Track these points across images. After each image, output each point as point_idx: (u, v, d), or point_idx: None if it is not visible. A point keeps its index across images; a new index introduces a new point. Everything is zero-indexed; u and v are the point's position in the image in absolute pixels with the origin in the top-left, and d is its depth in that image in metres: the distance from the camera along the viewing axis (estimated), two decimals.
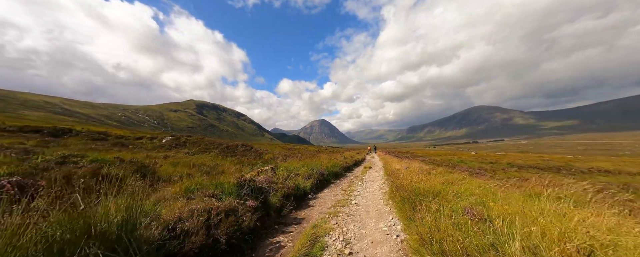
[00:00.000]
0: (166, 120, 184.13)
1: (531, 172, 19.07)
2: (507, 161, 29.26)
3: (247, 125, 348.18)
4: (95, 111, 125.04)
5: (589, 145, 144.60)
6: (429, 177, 6.08)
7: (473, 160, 29.77)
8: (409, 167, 9.46)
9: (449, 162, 22.13)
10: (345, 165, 12.38)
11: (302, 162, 9.03)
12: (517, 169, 20.57)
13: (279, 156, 12.20)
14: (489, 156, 41.83)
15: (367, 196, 6.25)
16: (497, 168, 20.50)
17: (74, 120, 75.64)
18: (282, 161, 9.99)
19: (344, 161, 14.05)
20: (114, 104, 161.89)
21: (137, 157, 6.56)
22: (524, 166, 23.10)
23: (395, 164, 12.21)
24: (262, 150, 15.01)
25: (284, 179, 5.84)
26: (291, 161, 9.49)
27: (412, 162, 13.37)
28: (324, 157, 12.51)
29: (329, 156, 15.45)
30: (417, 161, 17.33)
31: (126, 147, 10.43)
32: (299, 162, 9.24)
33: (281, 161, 9.66)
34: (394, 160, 17.23)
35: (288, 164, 8.01)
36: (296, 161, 9.30)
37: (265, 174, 5.84)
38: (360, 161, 19.44)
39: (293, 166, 7.95)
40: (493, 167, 21.39)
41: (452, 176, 6.81)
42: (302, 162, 9.32)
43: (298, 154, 13.78)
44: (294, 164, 8.36)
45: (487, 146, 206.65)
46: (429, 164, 14.94)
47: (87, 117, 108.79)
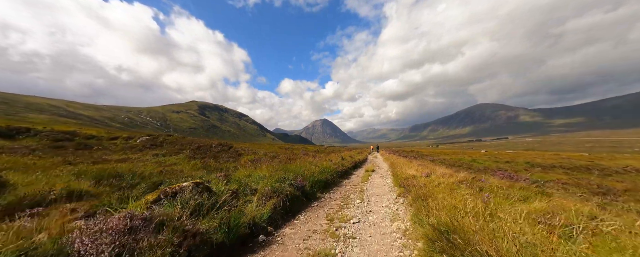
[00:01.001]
0: (169, 122, 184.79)
1: (558, 172, 17.67)
2: (524, 159, 27.44)
3: (249, 126, 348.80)
4: (99, 113, 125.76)
5: (596, 142, 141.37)
6: (499, 205, 3.17)
7: (486, 159, 27.98)
8: (430, 174, 6.97)
9: (463, 163, 20.76)
10: (342, 168, 10.36)
11: (280, 167, 6.78)
12: (541, 169, 19.20)
13: (263, 157, 10.61)
14: (500, 154, 39.91)
15: (373, 235, 3.46)
16: (517, 168, 19.18)
17: (77, 122, 75.78)
18: (267, 162, 8.25)
19: (340, 163, 11.94)
20: (117, 106, 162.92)
21: None
22: (545, 165, 21.53)
23: (407, 168, 9.65)
24: (243, 150, 13.65)
25: (210, 208, 3.17)
26: (268, 165, 6.98)
27: (426, 165, 11.02)
28: (312, 160, 10.40)
29: (325, 157, 13.67)
30: (430, 162, 15.83)
31: (90, 149, 9.54)
32: (275, 167, 6.82)
33: (265, 162, 7.93)
34: (401, 161, 14.72)
35: (250, 172, 5.82)
36: (271, 166, 6.89)
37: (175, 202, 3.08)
38: (361, 162, 17.25)
39: (258, 174, 5.62)
40: (512, 167, 19.95)
41: (524, 192, 4.15)
42: (281, 166, 7.00)
43: (291, 155, 12.56)
44: (263, 171, 5.98)
45: (492, 144, 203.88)
46: (447, 167, 13.22)
47: (90, 119, 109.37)
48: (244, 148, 15.24)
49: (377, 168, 13.27)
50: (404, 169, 9.20)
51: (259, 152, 14.60)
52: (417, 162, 12.53)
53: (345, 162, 12.88)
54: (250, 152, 13.54)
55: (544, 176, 12.88)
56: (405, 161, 14.77)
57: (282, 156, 11.44)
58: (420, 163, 11.97)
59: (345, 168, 10.96)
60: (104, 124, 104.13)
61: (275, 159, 10.06)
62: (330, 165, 9.54)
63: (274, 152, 15.26)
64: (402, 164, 11.90)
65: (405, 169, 9.38)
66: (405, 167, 9.96)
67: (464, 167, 16.85)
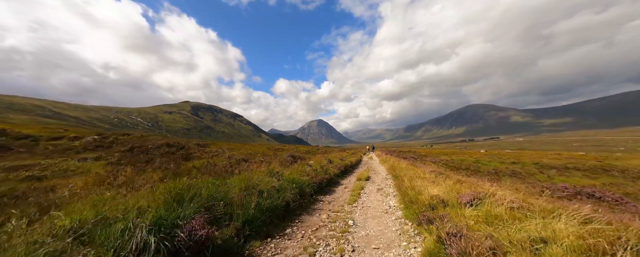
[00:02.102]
0: (160, 122, 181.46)
1: (577, 175, 16.64)
2: (530, 160, 25.89)
3: (244, 127, 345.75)
4: (87, 114, 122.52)
5: (583, 141, 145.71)
6: None
7: (489, 160, 26.18)
8: (479, 198, 3.86)
9: (469, 165, 19.55)
10: (323, 177, 7.64)
11: (199, 185, 3.88)
12: (555, 171, 18.26)
13: (231, 163, 8.61)
14: (503, 154, 38.59)
15: None
16: (530, 171, 18.19)
17: (62, 123, 73.48)
18: (208, 172, 6.22)
19: (324, 168, 9.19)
20: (107, 106, 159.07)
21: None
22: (557, 167, 20.25)
23: (416, 177, 7.12)
24: (206, 151, 12.38)
25: None
26: (167, 184, 3.71)
27: (441, 171, 8.85)
28: (275, 166, 7.30)
29: (312, 158, 12.05)
30: (433, 164, 14.16)
31: (9, 150, 8.80)
32: (183, 185, 3.68)
33: (229, 174, 6.03)
34: (402, 164, 11.94)
35: (109, 203, 2.95)
36: (173, 186, 3.60)
37: None
38: (353, 165, 14.65)
39: (119, 208, 2.78)
40: (523, 169, 19.02)
41: None
42: (205, 182, 4.16)
43: (272, 157, 11.79)
44: (141, 199, 3.11)
45: (484, 144, 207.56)
46: (454, 170, 11.31)
47: (77, 120, 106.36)
48: (214, 150, 13.94)
49: (373, 174, 10.86)
50: (414, 182, 6.08)
51: (225, 153, 13.28)
52: (428, 168, 9.77)
53: (331, 166, 10.34)
54: (212, 154, 12.00)
55: (568, 180, 12.18)
56: (407, 164, 12.21)
57: (258, 159, 10.69)
58: (432, 170, 9.09)
59: (329, 176, 8.38)
60: (91, 125, 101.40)
61: (249, 164, 8.65)
62: (303, 177, 6.48)
63: (246, 156, 14.52)
64: (405, 169, 9.60)
65: (416, 180, 6.47)
66: (413, 175, 7.52)
67: (472, 170, 15.93)
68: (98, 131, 29.36)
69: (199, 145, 13.08)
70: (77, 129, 40.06)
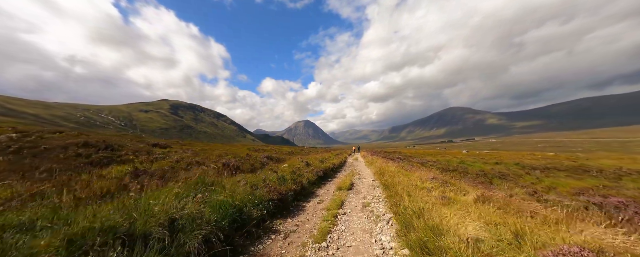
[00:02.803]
0: (135, 122, 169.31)
1: (558, 175, 16.79)
2: (512, 160, 26.59)
3: (227, 126, 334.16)
4: (48, 111, 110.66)
5: (546, 142, 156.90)
6: None
7: (473, 160, 26.58)
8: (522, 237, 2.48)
9: (457, 167, 19.27)
10: (291, 188, 5.83)
11: None
12: (539, 172, 18.32)
13: (173, 169, 6.38)
14: (484, 155, 39.33)
15: None
16: (515, 172, 17.98)
17: (18, 121, 64.87)
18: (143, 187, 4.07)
19: (295, 174, 7.50)
20: (73, 104, 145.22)
21: None
22: (538, 167, 20.64)
23: (413, 186, 5.85)
24: (126, 155, 7.61)
25: None
26: None
27: (436, 176, 7.48)
28: (209, 176, 4.75)
29: (275, 165, 10.35)
30: (421, 166, 13.57)
31: None
32: None
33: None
34: (391, 167, 10.76)
35: None
36: None
37: None
38: (336, 169, 12.89)
39: None
40: (508, 170, 18.94)
41: None
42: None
43: (243, 160, 9.34)
44: None
45: (461, 144, 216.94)
46: (442, 172, 10.48)
47: (36, 118, 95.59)
48: (168, 151, 10.56)
49: (358, 179, 9.38)
50: (416, 198, 4.52)
51: (183, 154, 10.17)
52: (425, 174, 8.15)
53: (307, 170, 8.47)
54: (156, 157, 8.37)
55: (556, 182, 11.68)
56: (396, 166, 11.10)
57: (225, 160, 8.11)
58: (432, 176, 7.34)
59: (300, 186, 6.41)
60: (54, 124, 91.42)
61: (189, 168, 6.39)
62: (256, 191, 4.58)
63: (221, 155, 11.99)
64: (395, 174, 8.23)
65: (416, 193, 4.95)
66: (409, 184, 6.01)
67: (460, 172, 15.44)
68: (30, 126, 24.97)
69: (152, 145, 10.38)
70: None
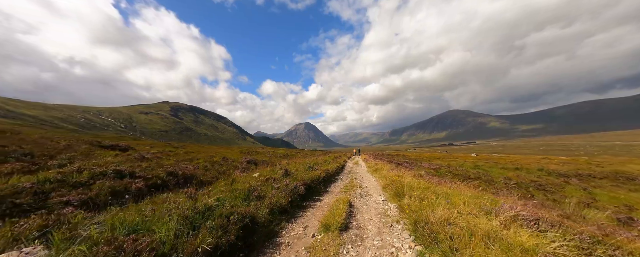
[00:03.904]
0: (135, 124, 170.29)
1: (603, 185, 14.93)
2: (533, 165, 23.87)
3: (228, 129, 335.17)
4: (47, 113, 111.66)
5: (548, 146, 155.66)
6: None
7: (490, 165, 23.58)
8: None
9: (480, 174, 17.00)
10: (254, 213, 3.78)
11: None
12: (578, 180, 16.37)
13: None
14: (494, 158, 36.44)
15: None
16: (554, 181, 15.80)
17: (17, 123, 65.50)
18: None
19: (243, 204, 3.90)
20: (72, 106, 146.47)
21: None
22: (568, 174, 18.14)
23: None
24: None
25: None
26: None
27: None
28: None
29: (270, 165, 9.77)
30: (434, 171, 11.54)
31: None
32: None
33: None
34: (406, 177, 7.72)
35: None
36: None
37: None
38: (329, 178, 9.82)
39: None
40: (544, 179, 16.86)
41: None
42: None
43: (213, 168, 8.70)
44: None
45: (463, 147, 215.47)
46: (465, 182, 7.60)
47: (35, 119, 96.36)
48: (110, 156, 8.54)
49: (359, 199, 6.30)
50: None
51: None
52: (468, 191, 5.69)
53: (279, 187, 5.77)
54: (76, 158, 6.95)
55: (616, 195, 10.10)
56: (412, 175, 8.22)
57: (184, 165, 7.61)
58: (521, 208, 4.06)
59: (266, 212, 4.20)
60: (52, 125, 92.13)
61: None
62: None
63: (196, 159, 11.38)
64: (424, 193, 5.13)
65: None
66: (467, 222, 3.16)
67: (484, 180, 13.58)
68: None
69: (104, 146, 9.20)
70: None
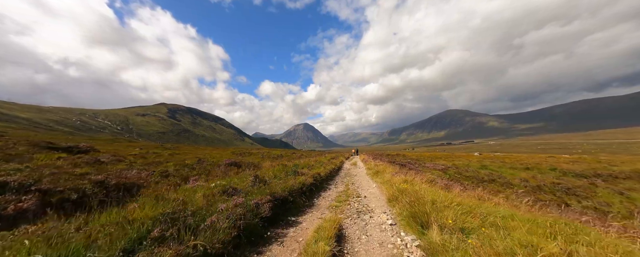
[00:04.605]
0: (132, 126, 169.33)
1: (635, 187, 13.99)
2: (545, 165, 22.64)
3: (226, 130, 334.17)
4: (42, 116, 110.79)
5: (546, 144, 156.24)
6: None
7: (498, 165, 22.42)
8: None
9: (493, 175, 16.15)
10: None
11: None
12: (602, 182, 15.44)
13: None
14: (499, 157, 34.88)
15: None
16: (577, 183, 14.72)
17: (10, 126, 64.75)
18: None
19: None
20: (68, 108, 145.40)
21: None
22: (589, 174, 16.86)
23: None
24: None
25: None
26: None
27: None
28: None
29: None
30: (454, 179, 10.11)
31: None
32: None
33: None
34: (416, 183, 6.67)
35: None
36: None
37: None
38: (319, 185, 8.00)
39: None
40: (560, 179, 15.98)
41: None
42: None
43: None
44: None
45: (460, 147, 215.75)
46: (484, 186, 7.79)
47: (29, 122, 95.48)
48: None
49: (356, 217, 4.81)
50: None
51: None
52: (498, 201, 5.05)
53: (239, 201, 3.77)
54: None
55: None
56: (422, 180, 7.21)
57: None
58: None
59: None
60: (47, 128, 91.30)
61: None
62: None
63: (176, 162, 10.82)
64: (455, 208, 3.83)
65: None
66: None
67: (500, 183, 12.94)
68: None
69: (58, 149, 8.04)
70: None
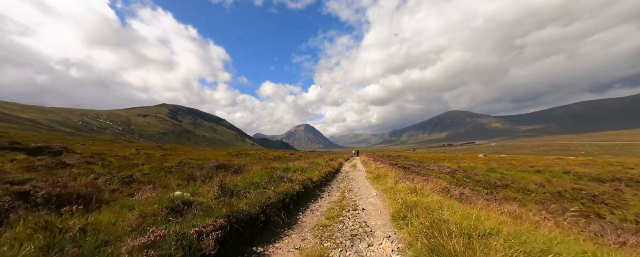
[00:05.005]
0: (133, 126, 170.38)
1: None
2: (557, 167, 21.77)
3: (227, 131, 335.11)
4: (44, 116, 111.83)
5: (548, 146, 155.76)
6: None
7: (507, 168, 21.68)
8: None
9: (507, 180, 15.60)
10: None
11: None
12: (627, 187, 14.80)
13: None
14: (505, 159, 33.40)
15: None
16: (602, 189, 13.93)
17: (12, 126, 65.53)
18: None
19: None
20: (70, 108, 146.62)
21: None
22: (606, 177, 16.13)
23: None
24: None
25: None
26: None
27: None
28: None
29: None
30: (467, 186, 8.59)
31: None
32: None
33: None
34: (427, 188, 6.36)
35: None
36: None
37: None
38: (310, 193, 7.18)
39: None
40: (579, 183, 15.31)
41: None
42: None
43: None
44: None
45: (461, 148, 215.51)
46: (501, 191, 7.15)
47: (32, 123, 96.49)
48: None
49: (348, 244, 3.65)
50: None
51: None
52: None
53: (177, 229, 2.44)
54: None
55: None
56: (432, 189, 6.44)
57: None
58: None
59: None
60: (49, 128, 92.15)
61: None
62: None
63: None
64: (504, 243, 2.64)
65: None
66: None
67: (515, 189, 12.35)
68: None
69: (20, 149, 7.70)
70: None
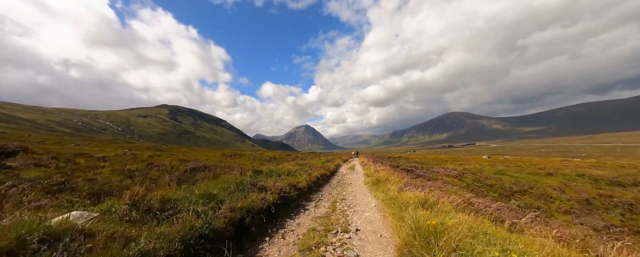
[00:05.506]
0: (133, 127, 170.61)
1: None
2: (569, 171, 21.34)
3: (227, 132, 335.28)
4: (44, 117, 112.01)
5: (548, 147, 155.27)
6: None
7: (515, 170, 21.17)
8: None
9: (520, 183, 15.27)
10: None
11: None
12: None
13: None
14: (510, 160, 32.70)
15: None
16: (630, 195, 13.58)
17: (10, 127, 65.63)
18: None
19: None
20: (70, 109, 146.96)
21: None
22: (626, 182, 15.94)
23: None
24: None
25: None
26: None
27: None
28: None
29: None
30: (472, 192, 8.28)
31: None
32: None
33: None
34: (445, 201, 4.79)
35: None
36: None
37: None
38: (293, 204, 5.40)
39: None
40: (600, 188, 14.95)
41: None
42: None
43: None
44: None
45: (462, 149, 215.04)
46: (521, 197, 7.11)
47: (31, 123, 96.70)
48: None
49: None
50: None
51: None
52: None
53: None
54: None
55: None
56: (451, 200, 5.25)
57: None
58: None
59: None
60: (48, 129, 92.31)
61: None
62: None
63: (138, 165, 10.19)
64: None
65: None
66: None
67: (536, 196, 12.02)
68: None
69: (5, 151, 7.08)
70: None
